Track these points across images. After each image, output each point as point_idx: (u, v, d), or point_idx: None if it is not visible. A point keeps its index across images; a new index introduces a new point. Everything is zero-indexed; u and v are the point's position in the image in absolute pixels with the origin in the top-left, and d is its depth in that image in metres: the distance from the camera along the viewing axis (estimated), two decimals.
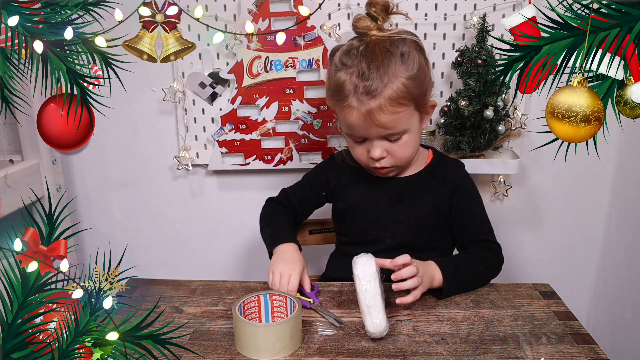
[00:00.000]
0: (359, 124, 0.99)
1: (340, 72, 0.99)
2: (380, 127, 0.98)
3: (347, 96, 0.98)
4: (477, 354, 0.84)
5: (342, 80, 0.98)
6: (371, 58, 0.97)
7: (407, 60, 0.98)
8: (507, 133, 1.30)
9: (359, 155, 1.06)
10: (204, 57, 1.36)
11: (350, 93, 0.97)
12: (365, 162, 1.07)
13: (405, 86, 0.97)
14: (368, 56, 0.97)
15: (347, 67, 0.99)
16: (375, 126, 0.98)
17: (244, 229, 1.56)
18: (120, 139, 1.49)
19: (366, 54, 0.98)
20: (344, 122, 1.02)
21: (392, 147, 1.02)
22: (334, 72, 1.01)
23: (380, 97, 0.96)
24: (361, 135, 1.02)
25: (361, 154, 1.05)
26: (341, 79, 0.99)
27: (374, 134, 1.00)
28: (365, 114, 0.97)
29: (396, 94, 0.96)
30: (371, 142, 1.02)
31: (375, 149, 1.02)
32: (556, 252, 1.54)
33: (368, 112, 0.96)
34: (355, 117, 0.98)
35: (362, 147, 1.04)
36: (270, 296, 0.91)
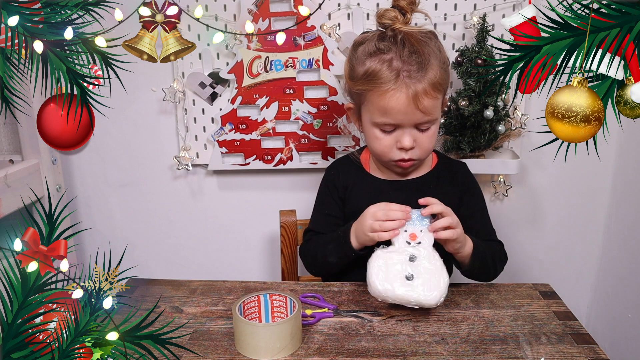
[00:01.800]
0: (400, 109, 0.98)
1: (373, 58, 0.99)
2: (421, 112, 0.98)
3: (389, 80, 0.97)
4: (477, 354, 0.84)
5: (380, 66, 0.98)
6: (410, 45, 0.98)
7: (439, 51, 1.02)
8: (507, 133, 1.30)
9: (385, 147, 1.04)
10: (204, 57, 1.36)
11: (392, 77, 0.97)
12: (389, 155, 1.05)
13: (441, 73, 0.99)
14: (406, 43, 0.98)
15: (384, 52, 0.99)
16: (417, 110, 0.98)
17: (244, 229, 1.56)
18: (120, 139, 1.49)
19: (404, 42, 0.99)
20: (381, 108, 1.00)
21: (420, 137, 1.02)
22: (365, 58, 1.01)
23: (425, 81, 0.97)
24: (398, 121, 1.00)
25: (388, 146, 1.04)
26: (377, 65, 0.98)
27: (412, 120, 1.00)
28: (413, 97, 0.96)
29: (437, 78, 0.98)
30: (402, 131, 1.01)
31: (407, 138, 1.01)
32: (556, 252, 1.54)
33: (415, 94, 0.96)
34: (400, 101, 0.97)
35: (390, 138, 1.03)
36: (270, 296, 0.91)
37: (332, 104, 1.37)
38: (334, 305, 0.98)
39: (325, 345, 0.87)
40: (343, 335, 0.89)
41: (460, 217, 1.11)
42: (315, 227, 1.17)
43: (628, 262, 1.39)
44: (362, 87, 1.02)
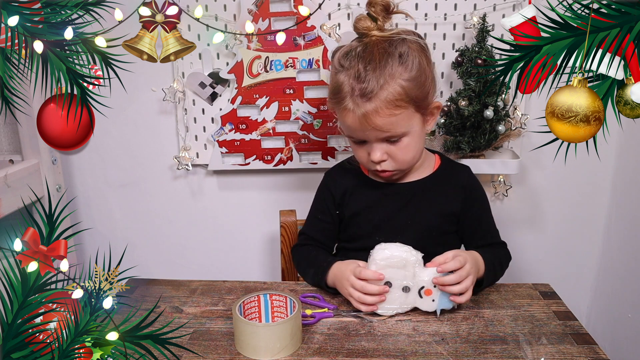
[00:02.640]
0: (355, 127, 0.99)
1: (339, 74, 0.99)
2: (377, 130, 0.97)
3: (344, 98, 0.98)
4: (477, 354, 0.84)
5: (341, 82, 0.98)
6: (368, 59, 0.96)
7: (406, 61, 0.97)
8: (507, 133, 1.30)
9: (361, 157, 1.06)
10: (204, 57, 1.36)
11: (347, 95, 0.97)
12: (366, 165, 1.07)
13: (403, 88, 0.95)
14: (365, 57, 0.96)
15: (345, 68, 0.98)
16: (371, 129, 0.97)
17: (244, 229, 1.56)
18: (120, 139, 1.49)
19: (364, 55, 0.97)
20: (343, 124, 1.02)
21: (392, 149, 1.01)
22: (334, 73, 1.01)
23: (376, 100, 0.95)
24: (359, 137, 1.01)
25: (362, 156, 1.05)
26: (339, 81, 0.99)
27: (371, 136, 0.99)
28: (361, 117, 0.96)
29: (392, 96, 0.95)
30: (371, 145, 1.01)
31: (375, 152, 1.01)
32: (556, 252, 1.54)
33: (364, 115, 0.96)
34: (352, 120, 0.98)
35: (362, 149, 1.04)
36: (270, 296, 0.91)
37: None
38: (334, 305, 0.98)
39: (325, 345, 0.87)
40: (343, 335, 0.89)
41: (465, 220, 1.11)
42: (308, 231, 1.17)
43: (628, 262, 1.39)
44: (330, 101, 1.04)
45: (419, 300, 0.94)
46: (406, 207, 1.09)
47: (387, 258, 0.93)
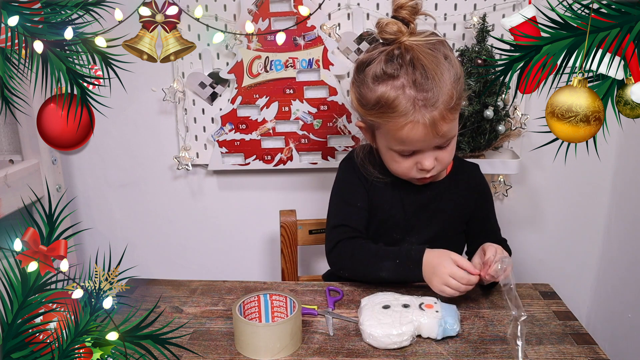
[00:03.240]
0: (419, 138, 0.94)
1: (383, 85, 0.93)
2: (442, 137, 0.94)
3: (404, 112, 0.91)
4: (477, 354, 0.84)
5: (393, 94, 0.92)
6: (421, 66, 0.91)
7: (451, 62, 0.94)
8: (507, 133, 1.30)
9: (405, 168, 1.00)
10: (204, 57, 1.36)
11: (408, 107, 0.91)
12: (409, 175, 1.02)
13: (455, 90, 0.93)
14: (416, 64, 0.91)
15: (394, 77, 0.92)
16: (438, 137, 0.94)
17: (244, 229, 1.56)
18: (120, 139, 1.49)
19: (413, 62, 0.91)
20: (398, 138, 0.95)
21: (440, 154, 0.98)
22: (373, 84, 0.94)
23: (441, 105, 0.91)
24: (416, 148, 0.96)
25: (407, 167, 1.00)
26: (390, 93, 0.92)
27: (432, 144, 0.96)
28: (431, 127, 0.92)
29: (452, 99, 0.92)
30: (422, 154, 0.97)
31: (428, 160, 0.97)
32: (556, 252, 1.54)
33: (433, 124, 0.91)
34: (418, 131, 0.92)
35: (409, 161, 0.99)
36: (270, 296, 0.91)
37: (332, 104, 1.37)
38: (333, 306, 0.98)
39: (325, 345, 0.87)
40: (343, 335, 0.89)
41: (474, 219, 1.11)
42: (348, 222, 1.07)
43: (628, 262, 1.39)
44: (376, 117, 0.96)
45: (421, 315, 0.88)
46: (427, 207, 1.09)
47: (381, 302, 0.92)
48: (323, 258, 1.29)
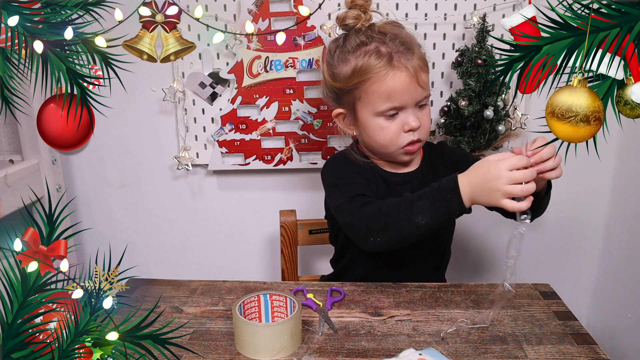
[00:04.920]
0: (404, 87, 0.99)
1: (358, 53, 1.00)
2: (421, 88, 1.00)
3: (384, 65, 0.98)
4: (477, 354, 0.84)
5: (369, 56, 0.99)
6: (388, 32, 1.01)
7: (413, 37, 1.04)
8: (507, 133, 1.30)
9: (393, 134, 1.03)
10: (204, 57, 1.36)
11: (385, 61, 0.98)
12: (397, 142, 1.04)
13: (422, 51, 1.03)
14: (383, 32, 1.02)
15: (367, 44, 1.00)
16: (418, 86, 1.00)
17: (244, 229, 1.56)
18: (120, 139, 1.49)
19: (380, 31, 1.02)
20: (383, 93, 0.99)
21: (421, 115, 1.03)
22: (347, 56, 1.02)
23: (416, 57, 1.00)
24: (402, 102, 1.00)
25: (395, 132, 1.03)
26: (365, 57, 0.99)
27: (414, 97, 1.01)
28: (414, 72, 0.98)
29: (422, 56, 1.02)
30: (406, 113, 1.02)
31: (412, 117, 1.01)
32: (556, 252, 1.54)
33: (414, 70, 0.99)
34: (402, 80, 0.98)
35: (395, 124, 1.02)
36: (270, 296, 0.91)
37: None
38: (330, 306, 0.98)
39: (325, 345, 0.87)
40: (343, 335, 0.89)
41: None
42: (362, 192, 1.03)
43: (628, 262, 1.39)
44: (357, 80, 1.01)
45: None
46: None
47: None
48: (323, 258, 1.29)
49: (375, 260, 1.11)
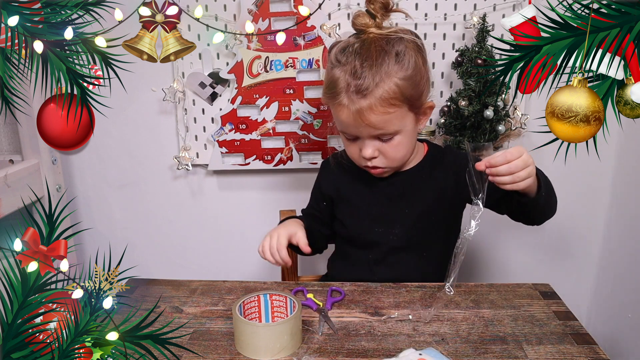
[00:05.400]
0: (349, 123, 0.99)
1: (335, 69, 0.99)
2: (371, 127, 0.97)
3: (339, 94, 0.97)
4: (477, 354, 0.84)
5: (336, 78, 0.98)
6: (365, 56, 0.96)
7: (403, 60, 0.96)
8: (507, 133, 1.30)
9: (352, 153, 1.06)
10: (204, 57, 1.36)
11: (342, 91, 0.97)
12: (358, 161, 1.06)
13: (398, 87, 0.95)
14: (362, 54, 0.96)
15: (342, 64, 0.98)
16: (365, 126, 0.97)
17: (244, 229, 1.56)
18: (120, 139, 1.49)
19: (361, 52, 0.96)
20: (336, 119, 1.02)
21: (384, 147, 1.01)
22: (330, 68, 1.01)
23: (371, 97, 0.95)
24: (352, 133, 1.01)
25: (354, 152, 1.05)
26: (335, 76, 0.98)
27: (364, 133, 0.99)
28: (355, 113, 0.96)
29: (387, 94, 0.95)
30: (363, 141, 1.01)
31: (367, 148, 1.01)
32: (556, 252, 1.54)
33: (358, 111, 0.96)
34: (346, 116, 0.98)
35: (354, 146, 1.04)
36: (270, 296, 0.91)
37: None
38: (330, 307, 0.98)
39: (325, 345, 0.87)
40: (343, 335, 0.89)
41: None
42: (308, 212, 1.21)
43: (628, 262, 1.39)
44: (324, 96, 1.03)
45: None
46: (403, 196, 1.10)
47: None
48: (323, 258, 1.29)
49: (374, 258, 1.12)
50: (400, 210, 1.10)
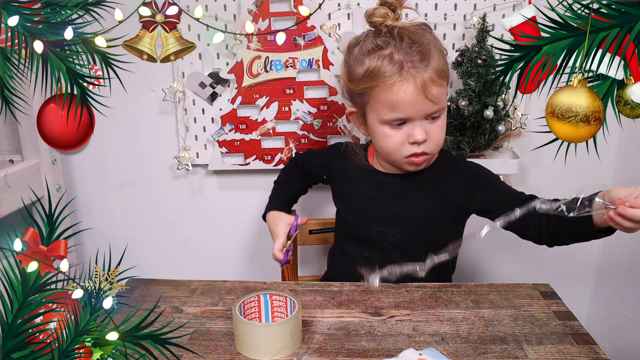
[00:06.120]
0: (409, 101, 0.96)
1: (372, 56, 0.98)
2: (431, 102, 0.97)
3: (393, 73, 0.96)
4: (477, 354, 0.84)
5: (381, 62, 0.97)
6: (407, 37, 0.97)
7: (436, 40, 1.01)
8: (507, 133, 1.30)
9: (396, 143, 1.02)
10: (204, 57, 1.36)
11: (396, 70, 0.96)
12: (401, 152, 1.03)
13: (442, 61, 0.99)
14: (403, 36, 0.98)
15: (382, 48, 0.98)
16: (427, 100, 0.96)
17: (244, 229, 1.56)
18: (120, 139, 1.49)
19: (401, 35, 0.98)
20: (388, 103, 0.98)
21: (431, 128, 1.00)
22: (363, 57, 1.00)
23: (430, 69, 0.96)
24: (407, 114, 0.98)
25: (399, 142, 1.02)
26: (378, 61, 0.97)
27: (422, 111, 0.98)
28: (421, 86, 0.95)
29: (439, 66, 0.98)
30: (413, 125, 1.00)
31: (418, 130, 0.99)
32: (556, 252, 1.53)
33: (423, 83, 0.95)
34: (408, 93, 0.96)
35: (400, 134, 1.01)
36: (270, 296, 0.91)
37: (332, 104, 1.37)
38: None
39: (325, 345, 0.87)
40: (343, 335, 0.89)
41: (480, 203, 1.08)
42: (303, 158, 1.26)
43: (628, 262, 1.39)
44: (365, 85, 1.00)
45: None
46: (405, 197, 1.09)
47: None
48: (323, 258, 1.29)
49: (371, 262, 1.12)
50: (402, 211, 1.09)
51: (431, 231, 1.08)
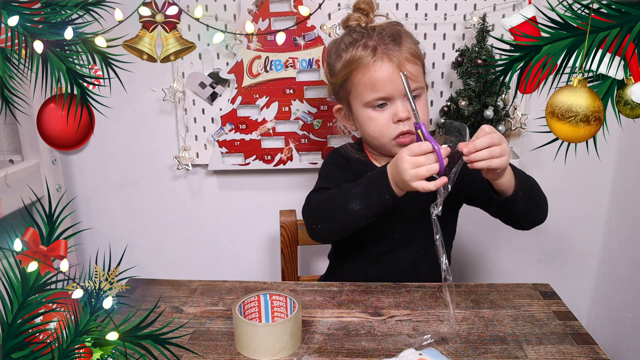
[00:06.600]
0: (387, 77, 1.01)
1: (349, 49, 1.04)
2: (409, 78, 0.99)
3: (368, 55, 1.01)
4: (477, 354, 0.84)
5: (358, 51, 1.03)
6: (380, 30, 1.04)
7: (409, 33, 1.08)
8: (507, 133, 1.30)
9: (382, 125, 1.04)
10: (204, 57, 1.36)
11: (370, 52, 1.02)
12: (388, 133, 1.04)
13: (416, 48, 1.05)
14: (377, 29, 1.05)
15: (358, 40, 1.04)
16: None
17: (244, 229, 1.56)
18: (120, 139, 1.49)
19: (374, 28, 1.05)
20: (367, 83, 1.02)
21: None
22: (341, 53, 1.06)
23: (403, 48, 1.02)
24: (387, 93, 1.01)
25: (384, 124, 1.03)
26: (356, 51, 1.03)
27: (401, 88, 0.98)
28: (397, 63, 1.00)
29: (412, 49, 1.04)
30: (394, 105, 1.02)
31: (400, 107, 1.02)
32: (556, 252, 1.54)
33: (398, 61, 1.01)
34: (384, 70, 1.01)
35: (384, 115, 1.03)
36: (270, 296, 0.91)
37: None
38: None
39: (325, 345, 0.87)
40: (343, 335, 0.89)
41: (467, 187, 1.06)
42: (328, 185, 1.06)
43: (628, 262, 1.39)
44: (345, 72, 1.05)
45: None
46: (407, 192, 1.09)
47: None
48: (323, 258, 1.29)
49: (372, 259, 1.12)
50: (402, 206, 1.09)
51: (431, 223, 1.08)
